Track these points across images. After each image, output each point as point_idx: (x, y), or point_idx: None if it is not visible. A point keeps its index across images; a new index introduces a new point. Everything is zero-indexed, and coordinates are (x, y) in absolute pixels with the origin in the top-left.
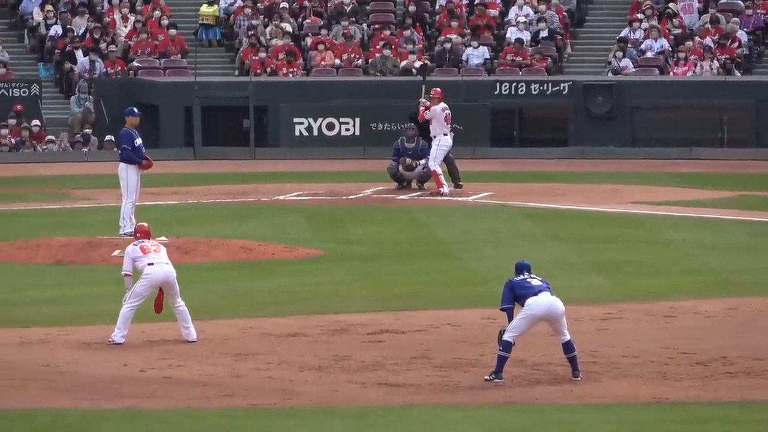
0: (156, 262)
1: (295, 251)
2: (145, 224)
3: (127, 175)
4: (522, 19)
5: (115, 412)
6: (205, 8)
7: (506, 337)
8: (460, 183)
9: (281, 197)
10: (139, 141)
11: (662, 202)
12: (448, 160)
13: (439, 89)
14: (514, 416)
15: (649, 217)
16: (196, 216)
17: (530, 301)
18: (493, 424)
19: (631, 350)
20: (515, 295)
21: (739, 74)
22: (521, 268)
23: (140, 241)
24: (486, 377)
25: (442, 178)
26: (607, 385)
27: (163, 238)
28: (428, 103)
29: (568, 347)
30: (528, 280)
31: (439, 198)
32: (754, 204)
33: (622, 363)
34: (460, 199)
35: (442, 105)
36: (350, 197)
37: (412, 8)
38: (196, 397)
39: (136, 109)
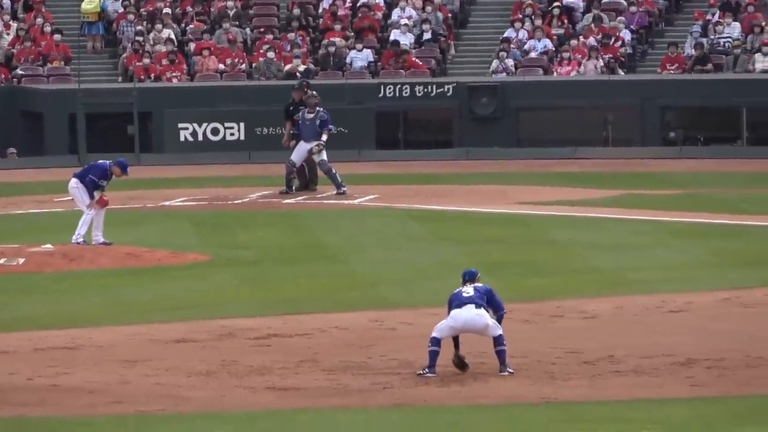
0: None
1: (181, 257)
2: None
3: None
4: (405, 21)
5: (2, 421)
6: (85, 5)
7: (434, 334)
8: (316, 187)
9: (167, 203)
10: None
11: (548, 202)
12: (309, 163)
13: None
14: (402, 418)
15: (535, 217)
16: None
17: (453, 312)
18: (381, 427)
19: (518, 350)
20: (449, 306)
21: (623, 73)
22: (463, 276)
23: None
24: (419, 371)
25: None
26: (495, 385)
27: (48, 246)
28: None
29: (496, 341)
30: (463, 290)
31: (325, 201)
32: (639, 203)
33: (510, 363)
34: (346, 202)
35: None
36: (236, 202)
37: (295, 11)
38: (84, 404)
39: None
